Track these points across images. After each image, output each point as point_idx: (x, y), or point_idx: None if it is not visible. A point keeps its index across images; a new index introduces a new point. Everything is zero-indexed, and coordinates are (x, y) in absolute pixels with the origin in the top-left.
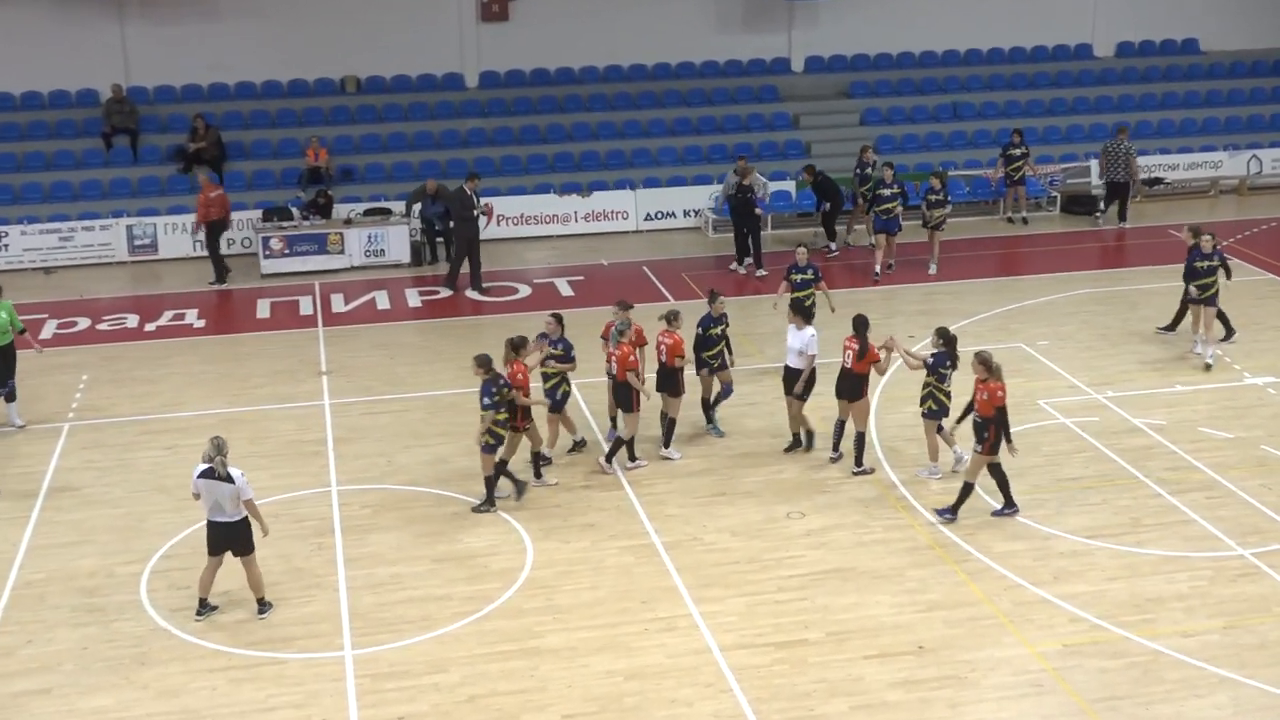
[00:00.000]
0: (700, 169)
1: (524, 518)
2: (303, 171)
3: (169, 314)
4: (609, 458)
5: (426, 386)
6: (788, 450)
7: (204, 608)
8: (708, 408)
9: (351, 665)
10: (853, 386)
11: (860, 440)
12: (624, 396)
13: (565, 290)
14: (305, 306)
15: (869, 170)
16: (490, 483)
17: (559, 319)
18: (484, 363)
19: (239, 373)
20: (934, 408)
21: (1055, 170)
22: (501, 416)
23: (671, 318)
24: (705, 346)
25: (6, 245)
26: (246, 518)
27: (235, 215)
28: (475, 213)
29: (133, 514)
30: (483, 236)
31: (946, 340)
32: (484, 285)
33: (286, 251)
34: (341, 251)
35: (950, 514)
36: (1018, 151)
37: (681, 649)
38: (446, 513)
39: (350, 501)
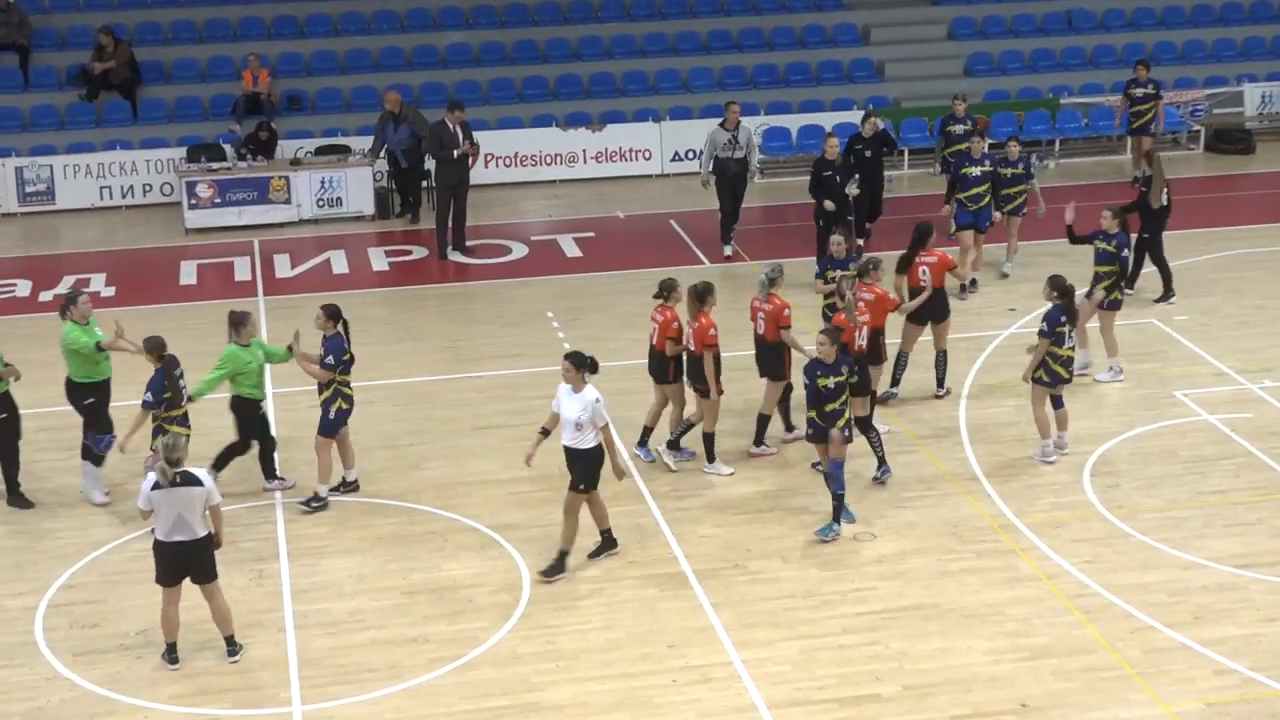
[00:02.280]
0: (742, 95)
1: (518, 539)
2: (238, 99)
3: (69, 279)
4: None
5: (395, 372)
6: (593, 555)
7: (172, 656)
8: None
9: None
10: (937, 307)
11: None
12: (771, 363)
13: (571, 249)
14: (241, 270)
15: (958, 129)
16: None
17: (331, 314)
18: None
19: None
20: (1046, 378)
21: (1199, 97)
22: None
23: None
24: None
25: None
26: (210, 534)
27: (152, 154)
28: (456, 153)
29: (25, 533)
30: (470, 181)
31: (1062, 291)
32: (468, 244)
33: (217, 200)
34: (287, 201)
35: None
36: (1140, 91)
37: (719, 706)
38: (422, 532)
39: (299, 519)
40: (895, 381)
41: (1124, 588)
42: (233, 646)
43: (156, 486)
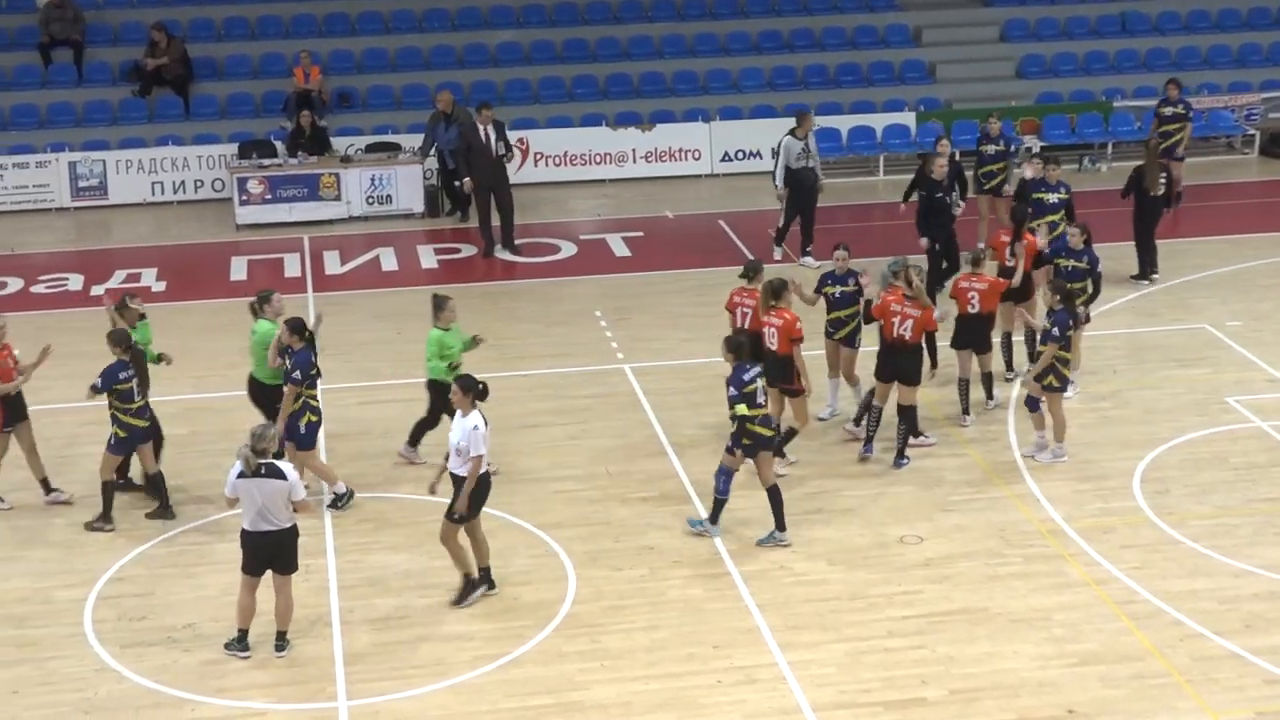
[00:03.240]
0: (793, 96)
1: (564, 537)
2: (289, 96)
3: (121, 274)
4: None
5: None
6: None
7: (243, 644)
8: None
9: (346, 719)
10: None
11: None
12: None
13: (620, 249)
14: (291, 266)
15: (994, 149)
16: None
17: (295, 328)
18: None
19: (207, 349)
20: (1056, 382)
21: (1254, 101)
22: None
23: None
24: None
25: None
26: (295, 525)
27: (204, 150)
28: (495, 154)
29: (75, 525)
30: (515, 179)
31: (1065, 295)
32: (516, 243)
33: (268, 197)
34: (337, 197)
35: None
36: (1170, 110)
37: (764, 708)
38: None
39: (345, 515)
40: (965, 410)
41: (1173, 594)
42: (282, 642)
43: (242, 475)
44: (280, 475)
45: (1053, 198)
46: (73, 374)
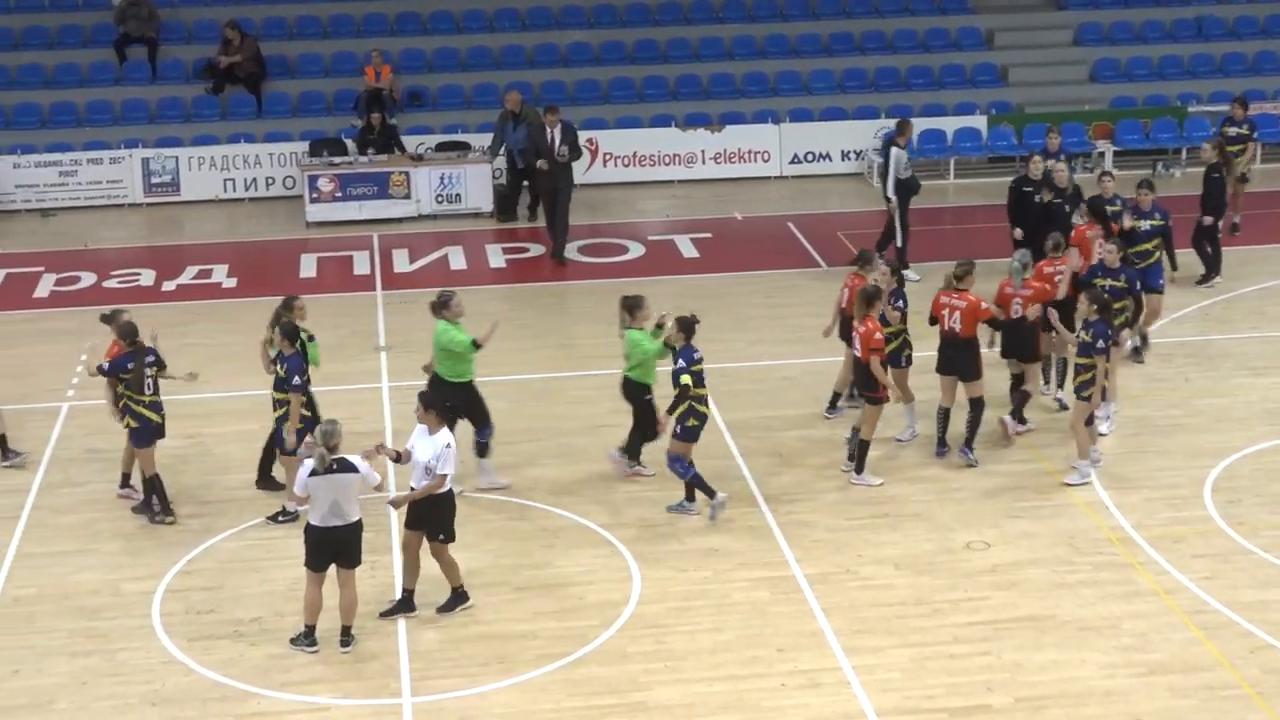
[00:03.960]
0: (863, 99)
1: (630, 538)
2: (360, 94)
3: (192, 270)
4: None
5: (511, 369)
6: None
7: (310, 639)
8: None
9: (410, 715)
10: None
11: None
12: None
13: (688, 250)
14: (360, 264)
15: (1055, 179)
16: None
17: (286, 331)
18: None
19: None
20: (1101, 396)
21: None
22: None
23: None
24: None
25: None
26: (360, 520)
27: (276, 148)
28: (540, 162)
29: (146, 520)
30: (584, 180)
31: (1103, 306)
32: (565, 255)
33: (338, 195)
34: (407, 196)
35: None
36: (1234, 130)
37: (828, 712)
38: (534, 528)
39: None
40: (1020, 419)
41: (1244, 605)
42: (347, 637)
43: (314, 473)
44: (351, 468)
45: (1145, 224)
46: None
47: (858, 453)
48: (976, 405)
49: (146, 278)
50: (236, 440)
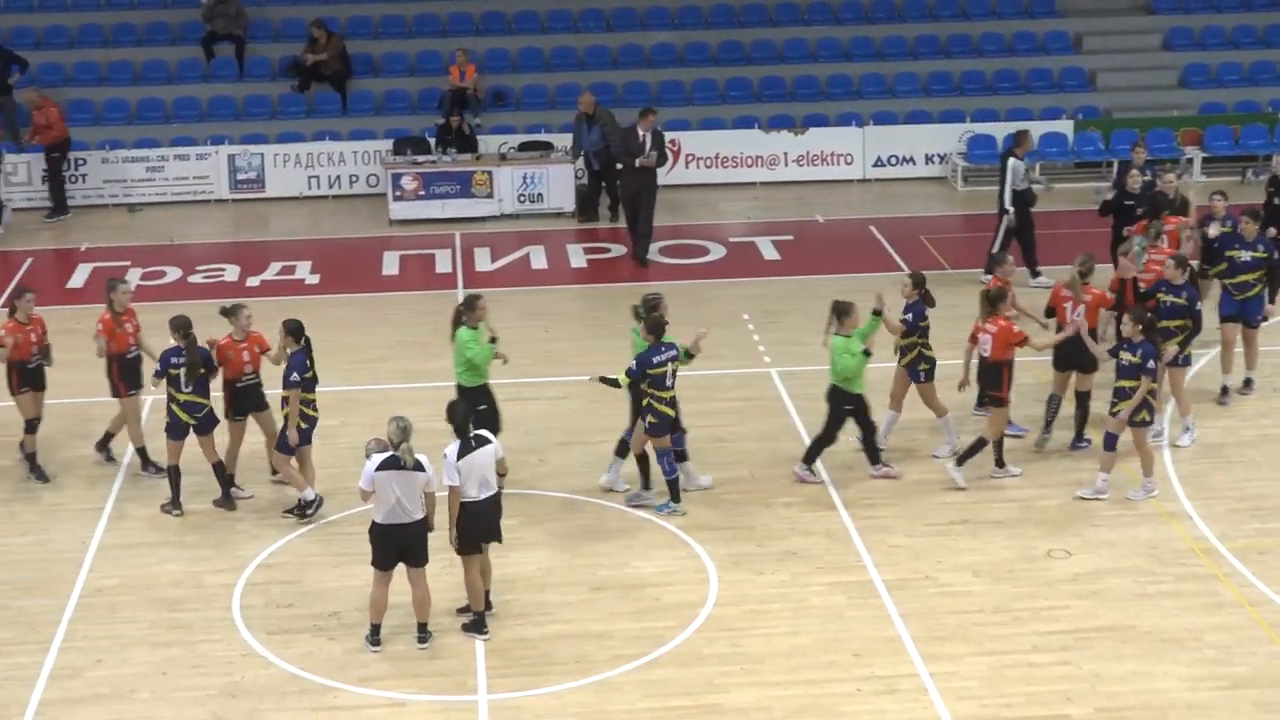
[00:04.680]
0: (948, 102)
1: (707, 540)
2: (444, 93)
3: (276, 266)
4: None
5: (589, 368)
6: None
7: (375, 638)
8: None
9: (486, 713)
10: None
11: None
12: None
13: (769, 252)
14: (442, 262)
15: (1148, 187)
16: None
17: (293, 331)
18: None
19: (358, 342)
20: (1147, 417)
21: None
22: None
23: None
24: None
25: (84, 175)
26: (426, 518)
27: (360, 145)
28: (639, 161)
29: (226, 512)
30: (666, 181)
31: (1149, 326)
32: (648, 258)
33: (421, 193)
34: (489, 195)
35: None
36: None
37: (904, 719)
38: (611, 529)
39: None
40: (1047, 425)
41: None
42: (424, 633)
43: (383, 468)
44: (419, 468)
45: (1246, 255)
46: None
47: (969, 450)
48: (1085, 399)
49: (231, 273)
50: (317, 436)
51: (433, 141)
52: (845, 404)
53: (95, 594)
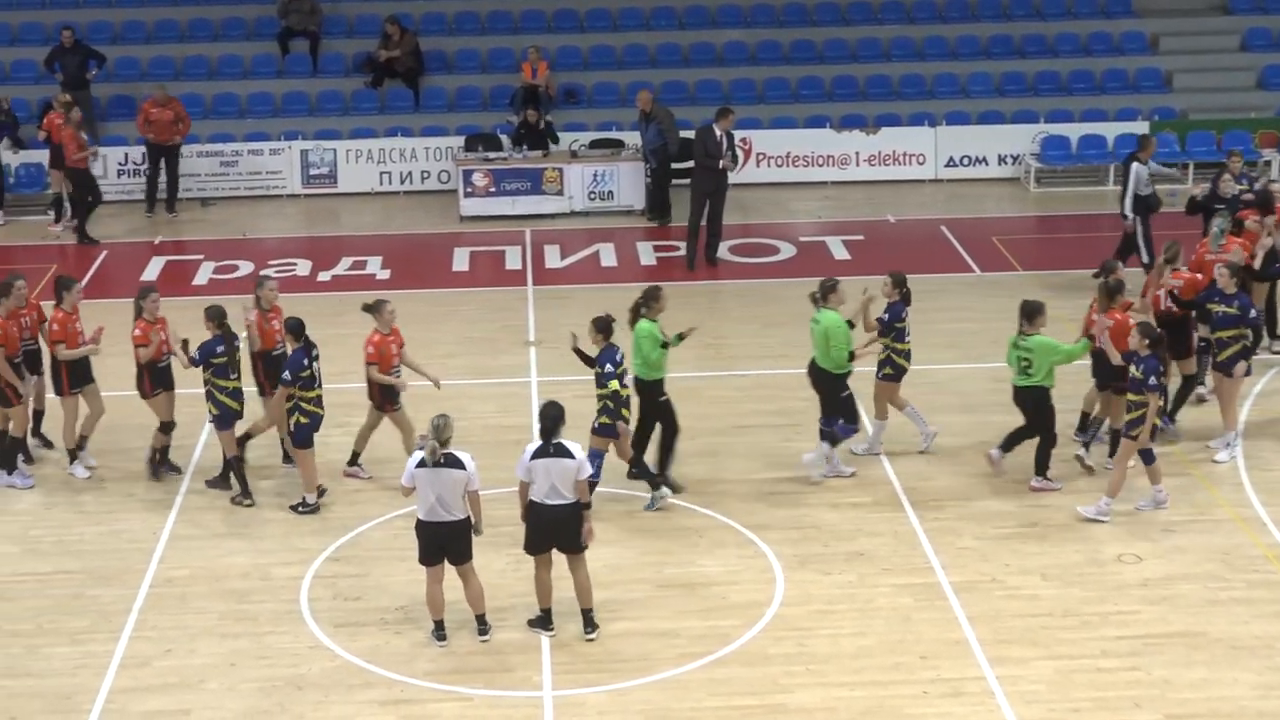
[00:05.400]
0: (1023, 103)
1: (774, 539)
2: (516, 90)
3: (347, 261)
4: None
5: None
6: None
7: (439, 634)
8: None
9: (551, 709)
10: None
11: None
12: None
13: (839, 252)
14: (512, 259)
15: (1236, 191)
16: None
17: (292, 329)
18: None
19: (427, 338)
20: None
21: None
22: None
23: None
24: None
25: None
26: (469, 517)
27: (432, 142)
28: (721, 163)
29: (291, 507)
30: (737, 180)
31: (1155, 340)
32: (718, 257)
33: (492, 190)
34: (560, 192)
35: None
36: None
37: None
38: (678, 527)
39: None
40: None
41: None
42: (483, 625)
43: (421, 465)
44: (459, 465)
45: None
46: None
47: (1112, 441)
48: (1189, 382)
49: (302, 268)
50: (387, 430)
51: (506, 139)
52: (1048, 401)
53: (165, 584)
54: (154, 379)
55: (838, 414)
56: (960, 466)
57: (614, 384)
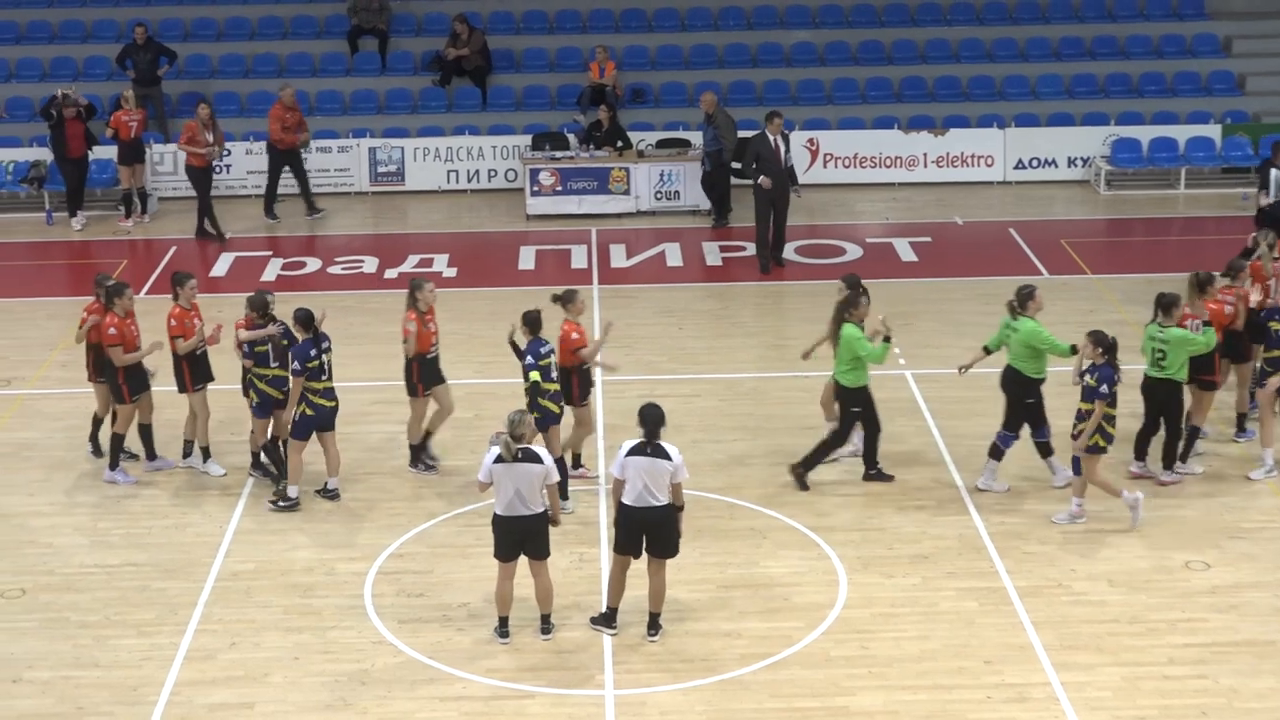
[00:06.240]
0: (1093, 105)
1: (838, 541)
2: (584, 89)
3: (414, 259)
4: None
5: (722, 366)
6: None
7: (503, 631)
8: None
9: (613, 709)
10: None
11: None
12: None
13: (906, 254)
14: (578, 258)
15: None
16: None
17: (302, 320)
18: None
19: (492, 335)
20: (1102, 442)
21: None
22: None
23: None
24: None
25: (229, 165)
26: (546, 510)
27: (499, 140)
28: (784, 165)
29: (359, 500)
30: (803, 180)
31: (1107, 348)
32: (783, 258)
33: (559, 188)
34: (626, 191)
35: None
36: None
37: None
38: (741, 528)
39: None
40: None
41: None
42: (547, 625)
43: (499, 460)
44: (536, 460)
45: None
46: (368, 354)
47: (1187, 439)
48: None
49: (369, 265)
50: (450, 427)
51: (573, 138)
52: (1177, 393)
53: (231, 578)
54: (194, 373)
55: (1020, 425)
56: (1026, 471)
57: (535, 374)
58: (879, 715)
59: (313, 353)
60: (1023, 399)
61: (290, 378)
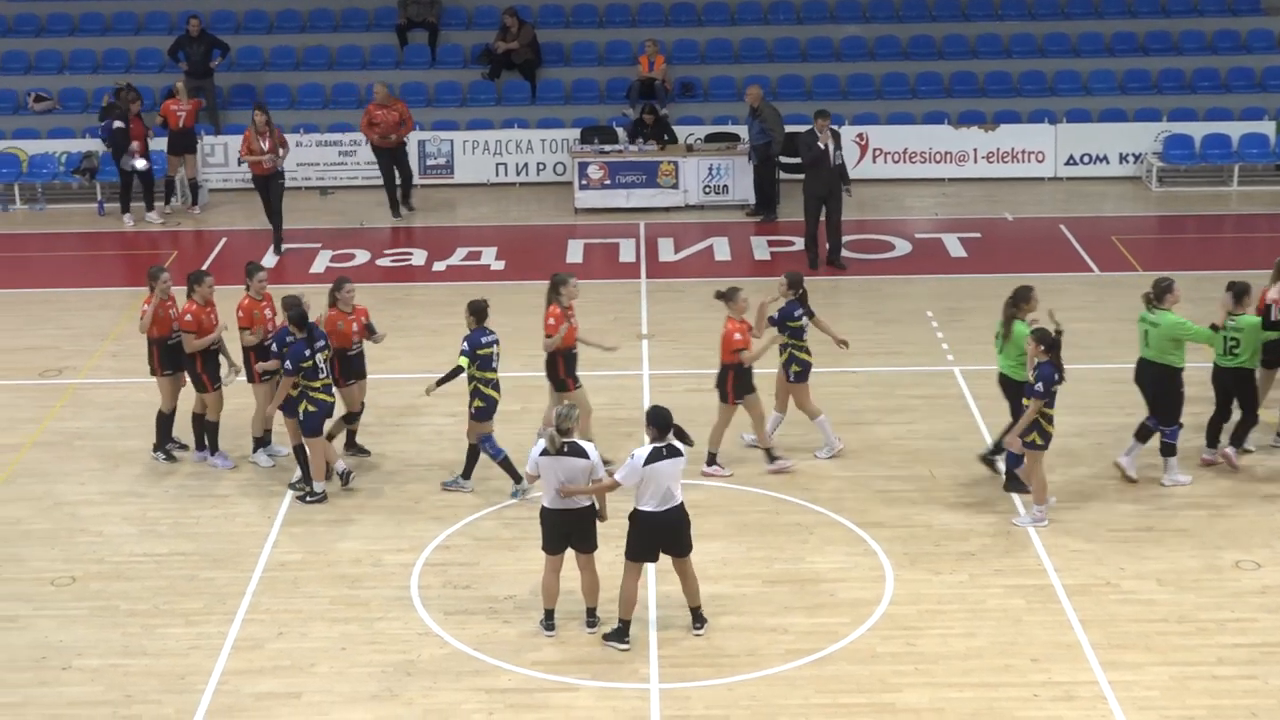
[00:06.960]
0: (1145, 100)
1: (884, 537)
2: (633, 83)
3: (462, 251)
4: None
5: (771, 361)
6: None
7: (549, 624)
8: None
9: (657, 702)
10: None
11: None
12: None
13: (955, 250)
14: (626, 252)
15: None
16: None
17: (295, 320)
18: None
19: (540, 328)
20: (1040, 440)
21: None
22: None
23: None
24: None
25: None
26: (594, 505)
27: (548, 134)
28: (834, 163)
29: (405, 492)
30: (853, 175)
31: (1049, 345)
32: (842, 259)
33: (607, 182)
34: (675, 185)
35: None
36: None
37: None
38: (787, 523)
39: None
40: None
41: None
42: (592, 618)
43: (545, 453)
44: (582, 454)
45: None
46: (415, 345)
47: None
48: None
49: (418, 257)
50: (500, 420)
51: (622, 132)
52: (1251, 381)
53: (279, 568)
54: (344, 368)
55: (1174, 417)
56: (1074, 469)
57: (463, 360)
58: (925, 712)
59: (307, 353)
60: (1174, 389)
61: (283, 376)
